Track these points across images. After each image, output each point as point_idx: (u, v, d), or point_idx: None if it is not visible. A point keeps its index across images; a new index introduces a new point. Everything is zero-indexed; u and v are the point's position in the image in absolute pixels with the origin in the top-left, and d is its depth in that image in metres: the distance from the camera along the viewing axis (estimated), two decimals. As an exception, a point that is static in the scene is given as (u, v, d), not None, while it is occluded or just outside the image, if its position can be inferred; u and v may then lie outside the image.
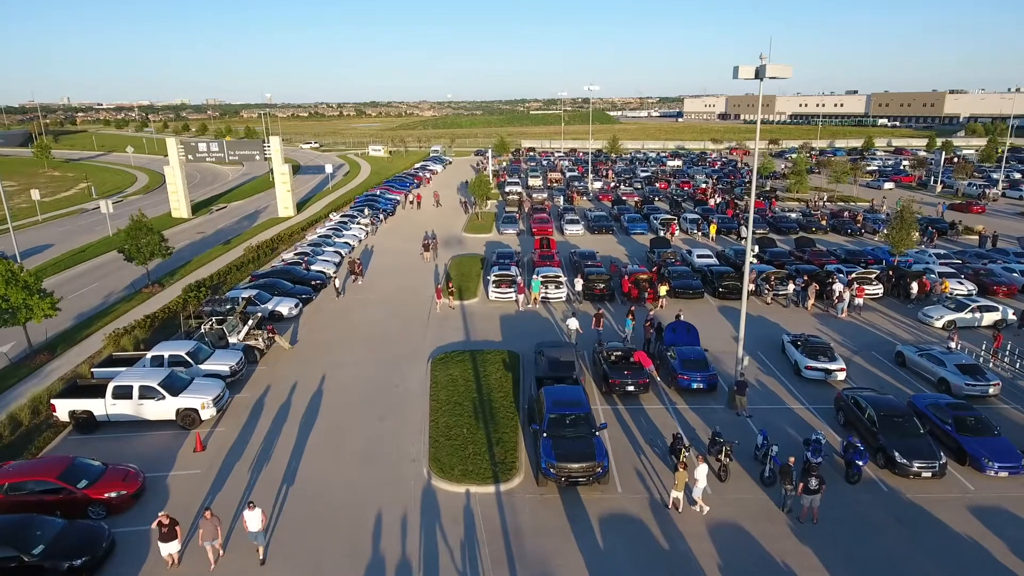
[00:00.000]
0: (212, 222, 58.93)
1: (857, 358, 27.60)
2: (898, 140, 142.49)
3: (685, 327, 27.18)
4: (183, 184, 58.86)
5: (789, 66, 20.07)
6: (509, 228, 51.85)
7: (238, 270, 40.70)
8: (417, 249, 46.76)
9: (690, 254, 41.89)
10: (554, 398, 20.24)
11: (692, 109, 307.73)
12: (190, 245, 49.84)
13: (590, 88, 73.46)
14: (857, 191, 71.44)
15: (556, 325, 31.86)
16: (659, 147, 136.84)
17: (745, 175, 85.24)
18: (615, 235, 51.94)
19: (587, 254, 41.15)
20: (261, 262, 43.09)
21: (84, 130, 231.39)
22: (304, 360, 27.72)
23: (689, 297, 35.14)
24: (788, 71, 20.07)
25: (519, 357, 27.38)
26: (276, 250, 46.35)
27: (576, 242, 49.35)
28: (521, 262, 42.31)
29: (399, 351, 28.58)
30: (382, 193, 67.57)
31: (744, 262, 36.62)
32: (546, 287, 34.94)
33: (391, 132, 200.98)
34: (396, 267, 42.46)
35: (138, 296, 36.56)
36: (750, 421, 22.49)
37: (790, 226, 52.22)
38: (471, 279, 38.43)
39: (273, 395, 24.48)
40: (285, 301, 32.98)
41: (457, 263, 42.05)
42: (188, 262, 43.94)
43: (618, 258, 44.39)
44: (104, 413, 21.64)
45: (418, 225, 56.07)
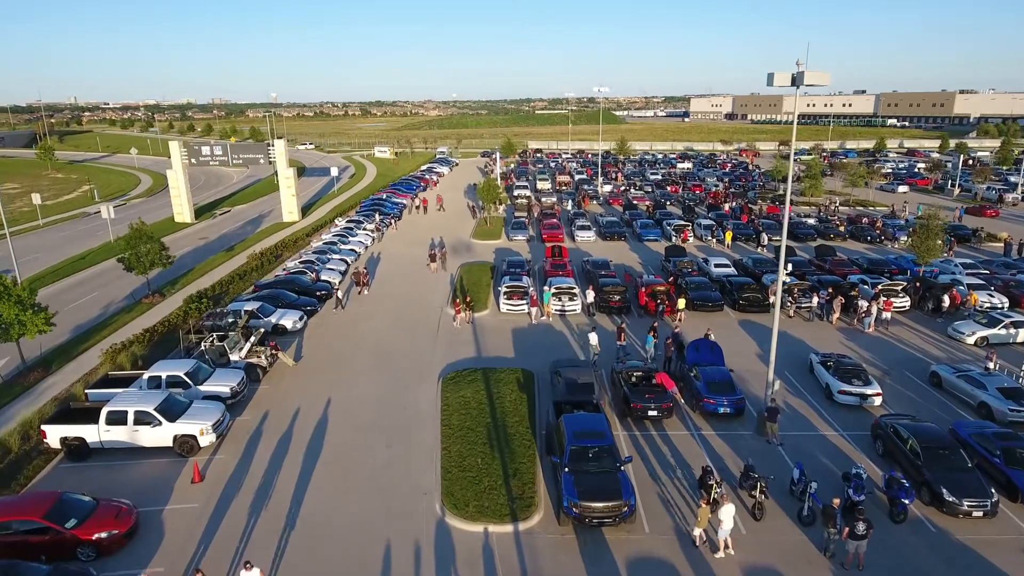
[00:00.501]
0: (215, 227, 57.87)
1: (888, 377, 26.19)
2: (909, 141, 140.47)
3: (709, 345, 25.83)
4: (186, 188, 57.82)
5: (826, 73, 18.72)
6: (519, 234, 50.57)
7: (241, 279, 39.56)
8: (424, 255, 45.54)
9: (707, 263, 40.49)
10: (575, 428, 18.94)
11: (699, 109, 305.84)
12: (192, 251, 48.75)
13: (600, 90, 72.10)
14: (873, 195, 69.86)
15: (570, 339, 30.57)
16: (667, 148, 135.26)
17: (757, 177, 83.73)
18: (628, 242, 50.59)
19: (600, 263, 39.84)
20: (265, 270, 41.94)
21: (89, 130, 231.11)
22: (308, 378, 26.51)
23: (708, 310, 33.76)
24: (826, 78, 18.73)
25: (534, 376, 26.11)
26: (280, 257, 45.21)
27: (588, 249, 48.04)
28: (532, 271, 41.10)
29: (407, 368, 27.35)
30: (388, 197, 66.39)
31: (777, 272, 35.28)
32: (559, 299, 33.65)
33: (396, 132, 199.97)
34: (403, 275, 41.24)
35: (138, 307, 35.45)
36: (781, 450, 21.15)
37: (807, 232, 50.78)
38: (481, 289, 37.16)
39: (276, 418, 23.27)
40: (289, 314, 31.79)
41: (466, 271, 40.80)
42: (190, 270, 42.83)
43: (632, 267, 43.05)
44: (97, 440, 20.47)
45: (425, 230, 54.86)
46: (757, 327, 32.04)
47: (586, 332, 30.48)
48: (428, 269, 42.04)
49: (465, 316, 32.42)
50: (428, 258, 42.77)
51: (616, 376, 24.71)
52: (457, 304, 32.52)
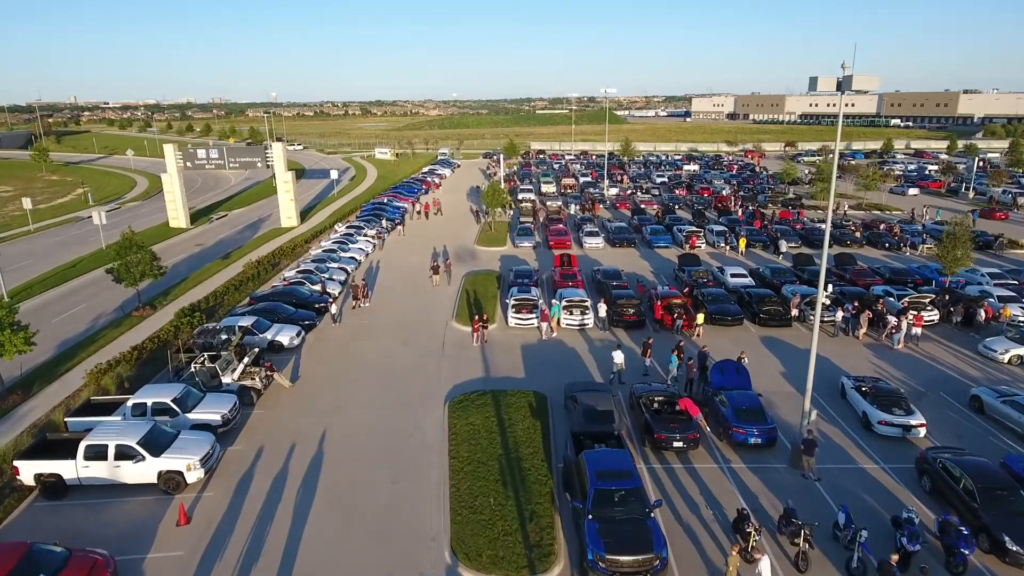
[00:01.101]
0: (212, 232, 56.17)
1: (923, 400, 24.50)
2: (916, 142, 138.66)
3: (734, 367, 24.14)
4: (181, 193, 56.12)
5: (875, 77, 17.02)
6: (525, 241, 48.86)
7: (236, 290, 37.86)
8: (428, 263, 43.84)
9: (722, 273, 38.78)
10: (597, 467, 17.26)
11: (700, 109, 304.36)
12: (187, 259, 47.04)
13: (606, 91, 70.37)
14: (885, 198, 68.13)
15: (583, 357, 28.87)
16: (671, 149, 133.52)
17: (765, 180, 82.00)
18: (638, 248, 48.87)
19: (611, 273, 38.11)
20: (261, 280, 40.25)
21: (87, 131, 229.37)
22: (306, 401, 24.82)
23: (727, 324, 32.07)
24: (875, 82, 17.03)
25: (547, 400, 24.42)
26: (278, 265, 43.51)
27: (597, 257, 46.34)
28: (540, 280, 39.40)
29: (411, 390, 25.67)
30: (390, 200, 64.70)
31: (799, 283, 33.32)
32: (570, 312, 31.95)
33: (397, 132, 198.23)
34: (405, 285, 39.53)
35: (127, 320, 33.75)
36: (819, 486, 19.46)
37: (822, 239, 48.89)
38: (487, 300, 35.47)
39: (270, 448, 21.58)
40: (286, 329, 30.09)
41: (471, 282, 39.10)
42: (184, 279, 41.13)
43: (643, 276, 41.34)
44: (75, 476, 18.79)
45: (427, 237, 53.15)
46: (780, 344, 30.34)
47: (600, 349, 28.85)
48: (431, 283, 39.38)
49: (484, 334, 30.38)
50: (430, 270, 40.03)
51: (635, 400, 23.05)
52: (476, 322, 30.31)
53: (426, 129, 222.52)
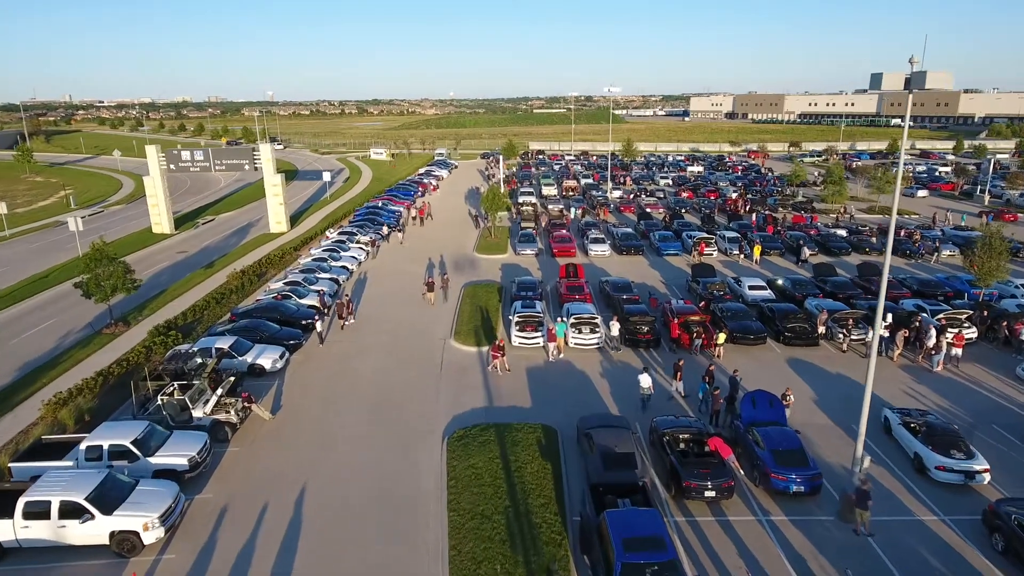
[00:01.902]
0: (197, 238, 53.40)
1: (974, 436, 22.01)
2: (921, 142, 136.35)
3: (767, 399, 21.58)
4: (165, 196, 53.35)
5: (948, 73, 14.48)
6: (527, 248, 46.22)
7: (218, 303, 35.19)
8: (423, 273, 41.23)
9: (739, 285, 36.24)
10: (623, 533, 14.69)
11: (699, 108, 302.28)
12: (169, 268, 44.31)
13: (610, 89, 67.85)
14: (900, 201, 65.56)
15: (595, 381, 26.29)
16: (672, 149, 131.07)
17: (772, 182, 79.55)
18: (645, 256, 46.29)
19: (621, 285, 35.52)
20: (246, 292, 37.56)
21: (78, 130, 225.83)
22: (287, 437, 22.20)
23: (749, 343, 29.52)
24: (948, 79, 14.49)
25: (557, 435, 21.85)
26: (264, 275, 40.82)
27: (603, 265, 43.78)
28: (544, 292, 36.80)
29: (406, 422, 23.06)
30: (384, 204, 61.99)
31: (820, 296, 29.05)
32: (578, 330, 29.38)
33: (393, 132, 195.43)
34: (400, 298, 36.86)
35: (97, 339, 31.03)
36: (873, 542, 16.94)
37: (840, 246, 46.54)
38: (488, 315, 32.85)
39: (244, 497, 18.93)
40: (269, 351, 27.44)
41: (471, 294, 36.48)
42: (163, 291, 38.42)
43: (654, 287, 38.78)
44: (13, 538, 16.15)
45: (423, 244, 50.51)
46: (808, 366, 27.80)
47: (612, 371, 26.26)
48: (425, 301, 35.46)
49: (503, 362, 26.96)
50: (424, 286, 35.88)
51: (657, 437, 20.48)
52: (495, 348, 26.90)
53: (423, 128, 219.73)
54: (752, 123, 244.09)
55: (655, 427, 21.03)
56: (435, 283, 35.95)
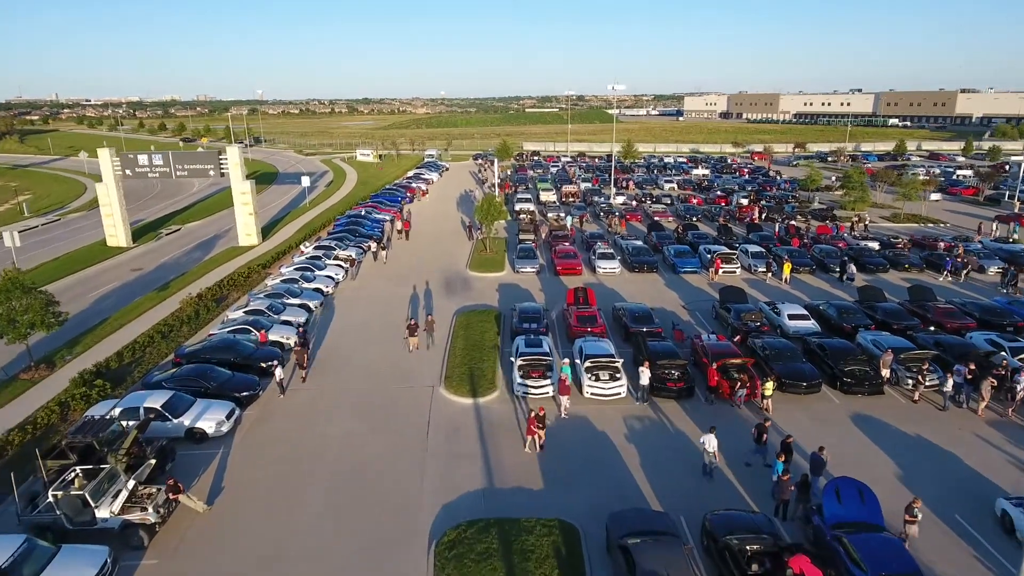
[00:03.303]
0: (157, 252, 47.72)
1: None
2: (928, 143, 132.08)
3: (855, 490, 16.45)
4: (120, 205, 47.64)
5: None
6: (527, 265, 40.90)
7: (165, 337, 29.75)
8: (410, 296, 35.92)
9: (777, 313, 31.14)
10: None
11: (693, 108, 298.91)
12: (119, 289, 38.68)
13: (614, 88, 62.72)
14: (927, 208, 60.95)
15: (620, 449, 21.09)
16: (671, 150, 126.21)
17: (783, 186, 74.73)
18: (660, 274, 41.13)
19: (640, 314, 30.32)
20: (201, 322, 32.07)
21: (55, 129, 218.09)
22: (223, 542, 16.83)
23: (802, 391, 24.44)
24: None
25: (579, 537, 16.65)
26: (225, 300, 35.32)
27: (613, 285, 38.61)
28: (550, 322, 31.56)
29: (380, 518, 17.74)
30: (368, 213, 56.48)
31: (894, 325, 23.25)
32: (595, 376, 24.19)
33: (383, 132, 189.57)
34: (380, 329, 31.45)
35: (10, 387, 25.46)
36: None
37: (876, 262, 41.52)
38: (484, 353, 27.60)
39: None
40: (214, 409, 22.04)
41: (464, 323, 31.18)
42: (104, 320, 32.84)
43: (675, 314, 33.64)
44: None
45: (409, 260, 45.12)
46: (877, 425, 22.70)
47: (643, 433, 21.04)
48: (406, 347, 28.49)
49: (540, 437, 20.65)
50: (406, 330, 28.74)
51: (713, 541, 15.37)
52: (532, 421, 20.34)
53: (413, 128, 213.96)
54: (747, 123, 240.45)
55: (710, 529, 15.88)
56: (416, 326, 28.36)
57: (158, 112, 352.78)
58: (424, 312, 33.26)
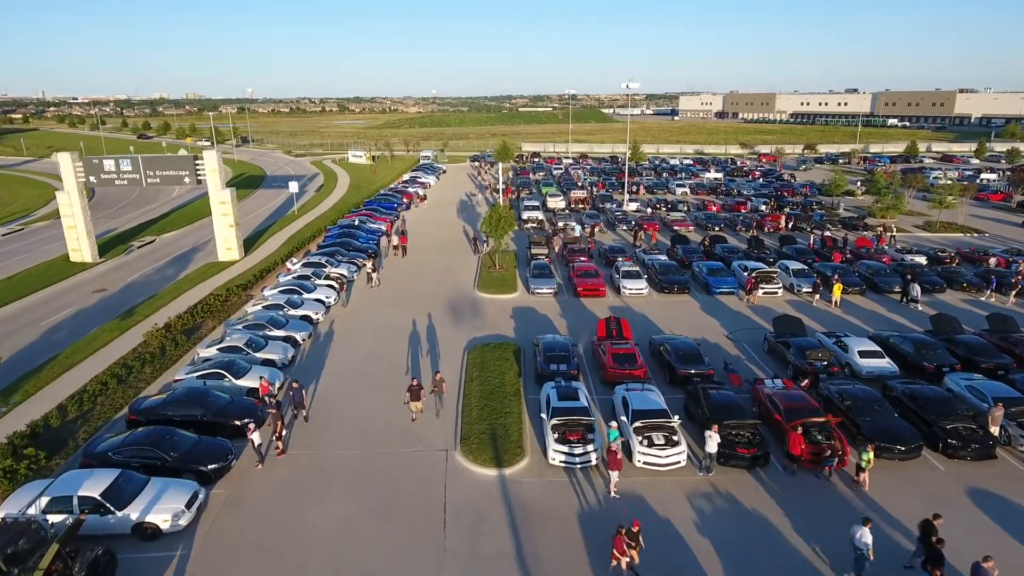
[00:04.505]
0: (125, 268, 42.66)
1: None
2: (938, 145, 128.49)
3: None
4: (84, 217, 42.56)
5: None
6: (543, 286, 36.19)
7: (121, 383, 24.87)
8: (410, 323, 31.19)
9: (844, 349, 26.63)
10: None
11: (688, 107, 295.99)
12: (76, 316, 33.67)
13: (629, 85, 58.16)
14: (962, 217, 56.83)
15: (687, 538, 16.52)
16: (676, 151, 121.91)
17: (800, 190, 70.49)
18: (692, 295, 36.57)
19: (688, 352, 25.59)
20: (166, 360, 27.18)
21: (36, 128, 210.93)
22: None
23: (900, 456, 19.96)
24: None
25: None
26: (197, 331, 30.43)
27: (641, 309, 34.07)
28: (580, 360, 26.93)
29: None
30: (362, 222, 51.59)
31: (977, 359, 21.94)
32: (647, 440, 19.64)
33: (375, 132, 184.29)
34: (379, 370, 26.71)
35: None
36: None
37: (932, 281, 37.11)
38: (506, 402, 22.97)
39: None
40: (172, 493, 17.24)
41: (478, 360, 26.50)
42: (52, 358, 27.86)
43: (719, 346, 29.12)
44: None
45: (409, 280, 40.37)
46: (999, 503, 18.27)
47: (716, 519, 16.44)
48: (409, 412, 22.44)
49: (632, 558, 15.25)
50: (407, 393, 22.42)
51: None
52: (620, 540, 14.99)
53: (406, 127, 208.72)
54: (744, 123, 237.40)
55: None
56: (418, 387, 21.80)
57: (145, 111, 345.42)
58: (427, 351, 28.51)
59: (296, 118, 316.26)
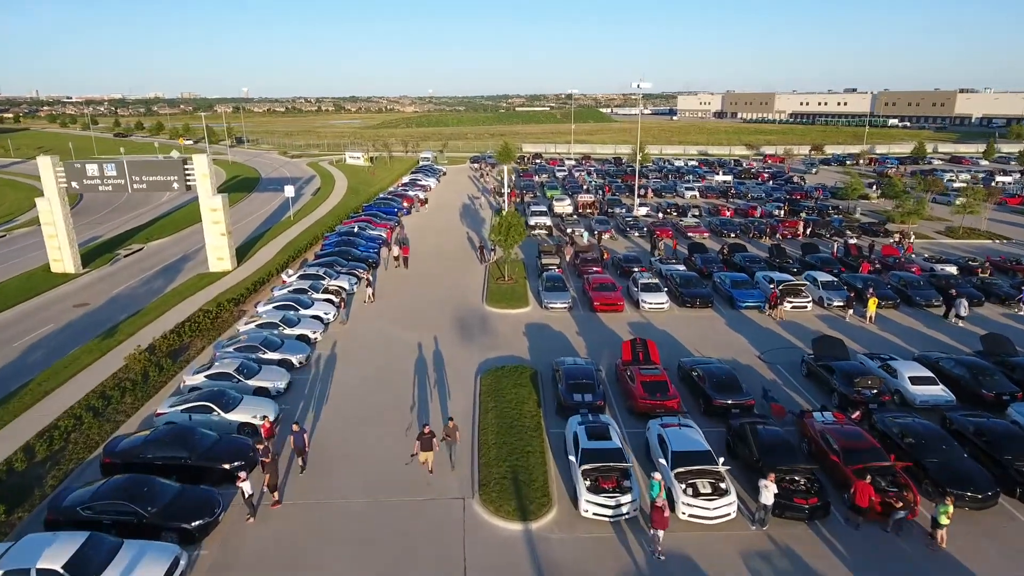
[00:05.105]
0: (110, 280, 40.09)
1: None
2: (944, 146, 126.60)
3: None
4: (66, 225, 39.98)
5: None
6: (558, 301, 33.76)
7: (98, 416, 22.42)
8: (416, 340, 28.79)
9: (891, 372, 24.36)
10: None
11: (686, 107, 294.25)
12: (55, 334, 31.14)
13: (639, 85, 55.83)
14: (986, 224, 54.69)
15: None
16: (679, 152, 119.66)
17: (813, 194, 68.29)
18: (716, 310, 34.23)
19: (723, 378, 23.23)
20: (149, 388, 24.71)
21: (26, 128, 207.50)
22: None
23: (977, 504, 17.67)
24: None
25: None
26: (184, 353, 27.95)
27: (663, 326, 31.75)
28: (605, 387, 24.50)
29: None
30: (362, 229, 49.09)
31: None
32: (692, 488, 17.34)
33: (372, 132, 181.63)
34: (382, 403, 24.34)
35: None
36: None
37: (970, 294, 34.81)
38: (526, 438, 20.62)
39: None
40: (147, 561, 14.79)
41: (491, 386, 24.14)
42: (24, 386, 25.31)
43: (751, 368, 26.81)
44: None
45: (411, 291, 37.96)
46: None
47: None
48: (417, 462, 19.57)
49: None
50: (416, 443, 19.10)
51: None
52: None
53: (403, 127, 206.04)
54: (743, 123, 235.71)
55: None
56: (430, 436, 18.89)
57: (140, 110, 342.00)
58: (435, 379, 26.10)
59: (292, 118, 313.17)
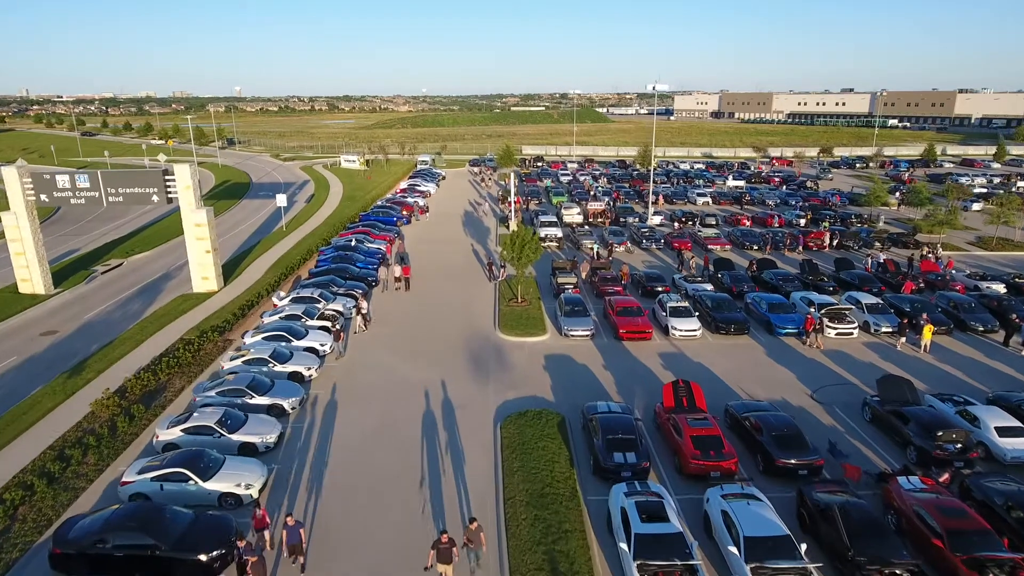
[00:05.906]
0: (82, 303, 36.49)
1: None
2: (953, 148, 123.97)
3: None
4: (35, 241, 36.40)
5: None
6: (579, 328, 30.39)
7: (53, 483, 18.98)
8: (427, 379, 25.46)
9: (971, 420, 21.26)
10: None
11: (683, 107, 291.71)
12: (15, 370, 27.60)
13: (655, 86, 52.59)
14: (1019, 234, 51.73)
15: None
16: (683, 154, 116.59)
17: (831, 200, 65.28)
18: (752, 336, 31.01)
19: (785, 431, 19.95)
20: (117, 444, 21.27)
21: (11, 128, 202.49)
22: None
23: (1116, 607, 14.55)
24: None
25: None
26: (161, 395, 24.51)
27: (696, 356, 28.48)
28: (646, 441, 21.16)
29: None
30: (360, 242, 45.58)
31: None
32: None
33: (367, 132, 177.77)
34: (386, 468, 20.98)
35: None
36: None
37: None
38: (561, 511, 17.36)
39: None
40: None
41: (515, 443, 20.80)
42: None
43: (808, 411, 23.62)
44: None
45: (415, 317, 34.57)
46: None
47: None
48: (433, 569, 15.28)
49: None
50: (431, 551, 14.97)
51: None
52: None
53: (398, 127, 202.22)
54: (741, 123, 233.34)
55: None
56: (449, 545, 14.89)
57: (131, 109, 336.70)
58: (447, 433, 22.73)
59: (285, 117, 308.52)
